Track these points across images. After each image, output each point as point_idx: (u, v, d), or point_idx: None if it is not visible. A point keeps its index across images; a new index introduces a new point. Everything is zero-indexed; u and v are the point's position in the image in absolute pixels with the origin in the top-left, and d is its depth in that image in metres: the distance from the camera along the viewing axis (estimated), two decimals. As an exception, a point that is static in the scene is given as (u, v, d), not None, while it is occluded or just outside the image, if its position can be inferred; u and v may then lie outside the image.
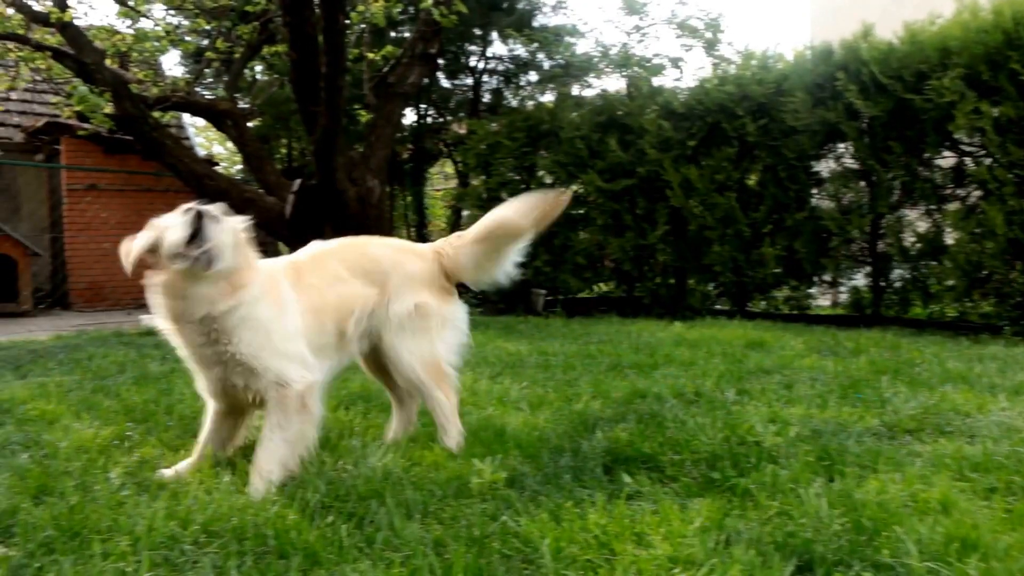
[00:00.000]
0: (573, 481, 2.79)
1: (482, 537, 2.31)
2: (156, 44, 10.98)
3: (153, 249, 2.95)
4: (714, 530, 2.31)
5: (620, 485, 2.75)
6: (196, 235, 2.80)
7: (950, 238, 8.20)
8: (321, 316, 3.22)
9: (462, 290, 3.75)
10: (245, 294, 2.95)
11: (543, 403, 4.13)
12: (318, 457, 3.05)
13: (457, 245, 3.62)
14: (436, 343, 3.45)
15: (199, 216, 2.83)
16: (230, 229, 2.96)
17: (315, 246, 3.60)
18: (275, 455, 2.88)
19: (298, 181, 10.39)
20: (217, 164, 16.95)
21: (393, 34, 13.80)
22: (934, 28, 8.19)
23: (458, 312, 3.65)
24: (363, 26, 11.11)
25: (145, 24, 11.12)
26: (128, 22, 10.97)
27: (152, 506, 2.51)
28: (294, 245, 10.81)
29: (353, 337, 3.34)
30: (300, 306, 3.17)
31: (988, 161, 7.79)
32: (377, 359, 3.50)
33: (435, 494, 2.64)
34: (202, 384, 3.16)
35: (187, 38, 12.28)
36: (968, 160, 8.14)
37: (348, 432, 3.48)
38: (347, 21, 10.01)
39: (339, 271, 3.40)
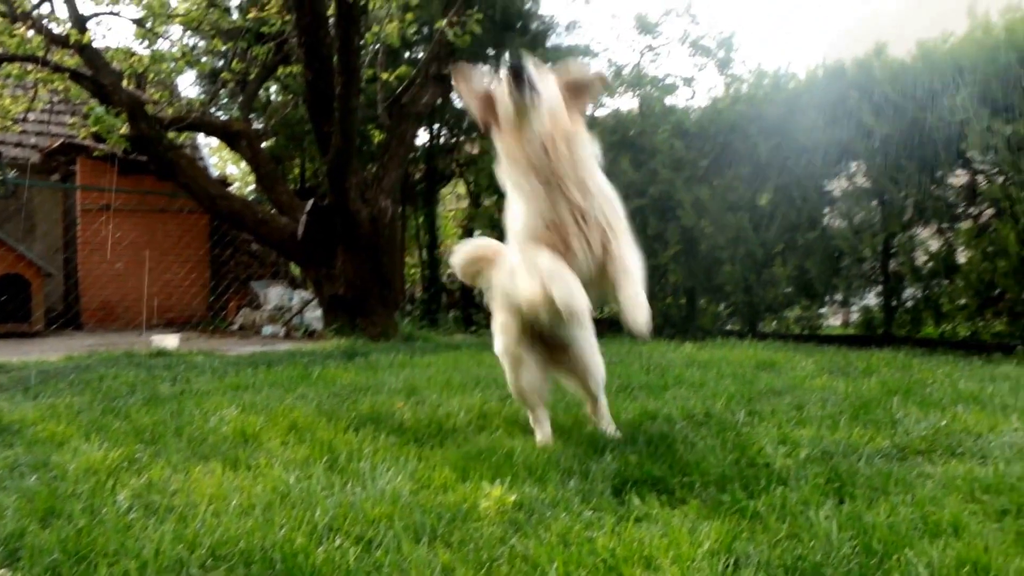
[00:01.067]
0: (582, 504, 2.78)
1: (490, 561, 2.30)
2: (172, 65, 11.13)
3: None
4: (723, 553, 2.29)
5: (629, 508, 2.73)
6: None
7: (962, 257, 8.17)
8: None
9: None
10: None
11: (553, 425, 4.11)
12: (327, 479, 3.06)
13: None
14: None
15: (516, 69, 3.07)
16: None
17: None
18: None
19: (311, 201, 10.45)
20: (230, 184, 17.09)
21: (407, 54, 13.89)
22: (947, 46, 8.18)
23: None
24: (377, 46, 11.20)
25: (162, 45, 11.26)
26: (145, 43, 11.10)
27: (160, 529, 2.51)
28: (306, 266, 10.95)
29: None
30: None
31: (1001, 179, 7.76)
32: None
33: (443, 517, 2.63)
34: None
35: (203, 59, 12.42)
36: (981, 178, 8.12)
37: (357, 455, 3.47)
38: (361, 42, 10.10)
39: None
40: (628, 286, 3.10)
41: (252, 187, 18.09)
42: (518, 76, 3.09)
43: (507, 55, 15.04)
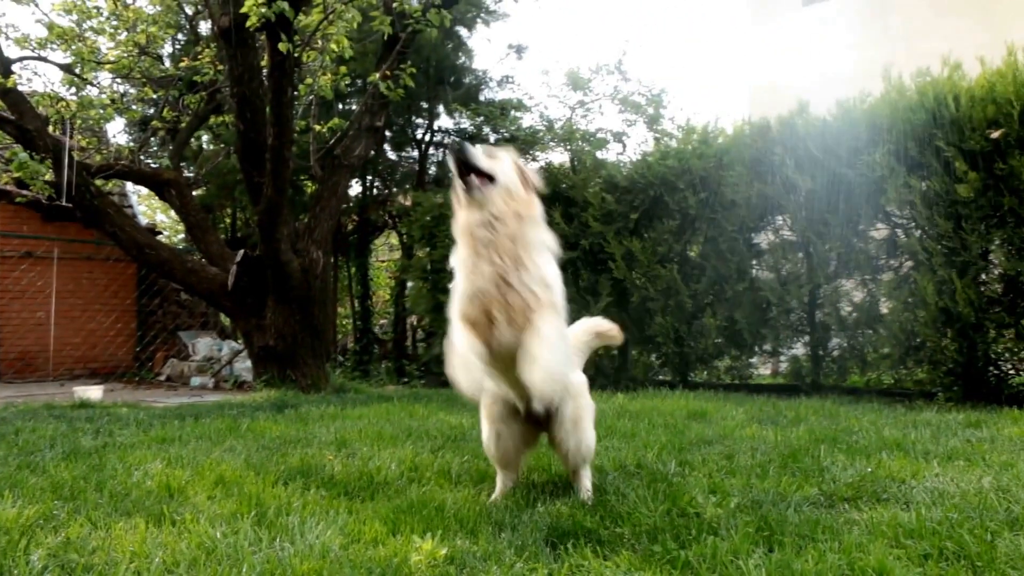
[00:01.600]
0: (514, 556, 2.76)
1: (420, 615, 2.27)
2: (101, 112, 10.97)
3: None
4: (654, 604, 2.29)
5: (562, 561, 2.72)
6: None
7: (885, 307, 8.40)
8: None
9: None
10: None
11: (484, 477, 4.09)
12: (255, 534, 2.98)
13: None
14: None
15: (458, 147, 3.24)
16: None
17: None
18: None
19: (241, 252, 10.33)
20: (159, 233, 16.82)
21: (341, 106, 13.94)
22: (865, 106, 8.50)
23: None
24: (311, 98, 11.20)
25: (91, 92, 11.10)
26: (73, 89, 10.94)
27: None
28: (236, 316, 10.78)
29: None
30: None
31: (918, 233, 8.04)
32: None
33: (374, 572, 2.59)
34: None
35: (133, 106, 12.26)
36: (900, 232, 8.40)
37: (286, 509, 3.40)
38: (295, 93, 10.10)
39: None
40: (533, 346, 3.09)
41: (182, 236, 17.85)
42: (462, 161, 3.22)
43: (441, 106, 15.20)
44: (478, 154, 3.28)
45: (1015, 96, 7.27)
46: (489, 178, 3.24)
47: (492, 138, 15.40)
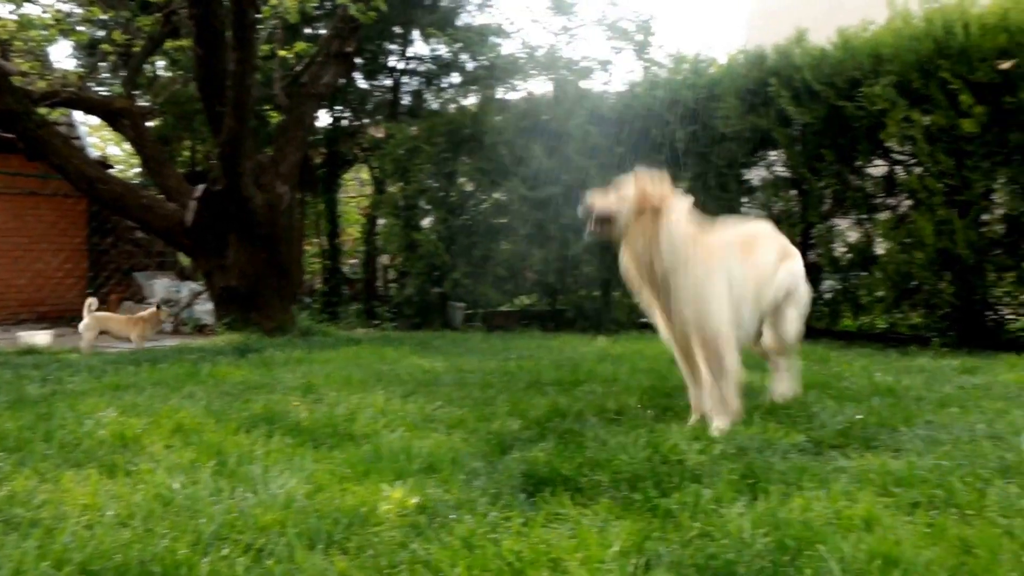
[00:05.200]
0: (489, 505, 2.79)
1: (389, 567, 2.30)
2: (43, 33, 10.72)
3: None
4: (634, 554, 2.33)
5: (538, 508, 2.76)
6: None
7: (880, 248, 8.45)
8: None
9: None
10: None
11: (458, 423, 4.12)
12: (215, 484, 3.00)
13: None
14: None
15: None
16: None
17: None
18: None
19: (201, 186, 10.22)
20: (112, 167, 16.58)
21: (308, 31, 13.70)
22: (867, 35, 8.44)
23: None
24: (275, 21, 11.00)
25: (31, 10, 10.83)
26: (11, 8, 10.67)
27: (22, 546, 2.41)
28: (196, 256, 10.70)
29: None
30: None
31: (918, 170, 8.06)
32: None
33: (340, 522, 2.61)
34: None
35: (80, 28, 11.98)
36: (899, 169, 8.41)
37: (249, 457, 3.42)
38: (258, 15, 9.91)
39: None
40: None
41: (137, 170, 17.63)
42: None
43: (416, 31, 14.99)
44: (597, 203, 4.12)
45: (1029, 24, 7.24)
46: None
47: (470, 66, 15.23)
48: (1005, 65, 7.26)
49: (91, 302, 8.99)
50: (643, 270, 4.06)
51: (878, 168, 8.59)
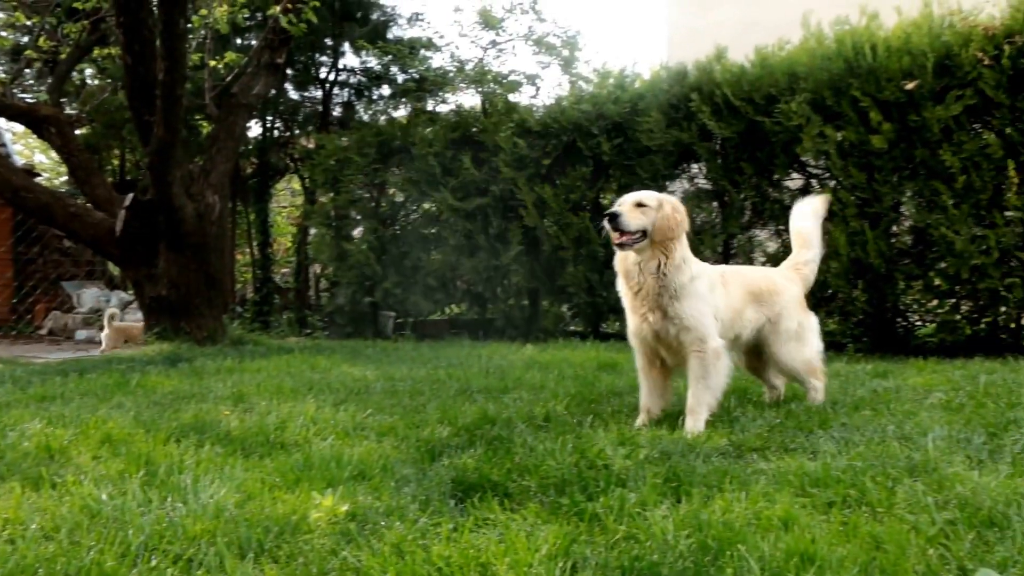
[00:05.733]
0: (418, 511, 2.77)
1: (320, 574, 2.27)
2: (-35, 39, 10.41)
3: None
4: (561, 557, 2.34)
5: (467, 514, 2.75)
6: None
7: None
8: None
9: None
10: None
11: (389, 431, 4.10)
12: (144, 495, 2.93)
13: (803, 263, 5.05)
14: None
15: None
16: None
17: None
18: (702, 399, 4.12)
19: (130, 196, 10.04)
20: (39, 175, 16.16)
21: (239, 41, 13.54)
22: (783, 53, 8.64)
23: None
24: (205, 31, 10.83)
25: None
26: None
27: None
28: (126, 265, 10.47)
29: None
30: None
31: (832, 183, 8.26)
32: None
33: (271, 530, 2.57)
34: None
35: (3, 33, 11.65)
36: (815, 182, 8.61)
37: (179, 467, 3.35)
38: (188, 25, 9.75)
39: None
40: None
41: (65, 179, 17.21)
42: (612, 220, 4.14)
43: (347, 43, 14.91)
44: (626, 216, 4.11)
45: (929, 47, 7.49)
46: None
47: (400, 78, 15.20)
48: (910, 85, 7.51)
49: (113, 313, 8.95)
50: (642, 282, 4.25)
51: (795, 181, 8.78)
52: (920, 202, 7.75)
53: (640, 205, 4.17)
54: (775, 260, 8.74)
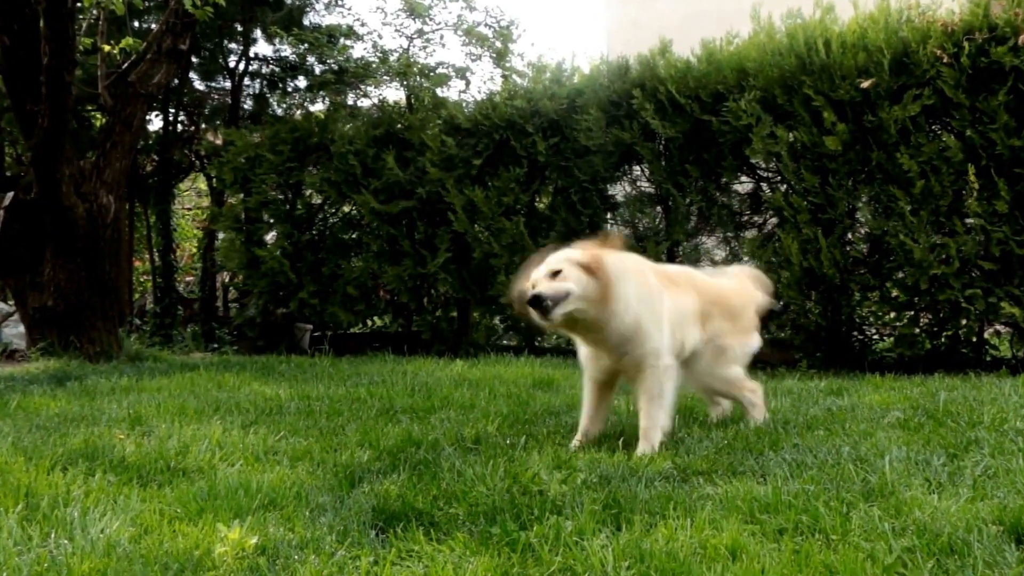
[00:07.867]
0: (336, 543, 2.75)
1: (223, 615, 2.23)
2: None
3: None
4: (491, 591, 2.33)
5: (389, 546, 2.73)
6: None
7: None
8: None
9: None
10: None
11: (304, 455, 4.05)
12: (23, 531, 2.85)
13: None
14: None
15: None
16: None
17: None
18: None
19: (10, 194, 9.81)
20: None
21: (137, 24, 13.31)
22: (731, 48, 8.77)
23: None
24: (98, 12, 10.63)
25: None
26: None
27: None
28: (5, 272, 10.21)
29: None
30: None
31: (784, 188, 8.41)
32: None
33: (170, 568, 2.53)
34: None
35: None
36: (765, 186, 8.75)
37: (65, 499, 3.26)
38: (78, 4, 9.56)
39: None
40: None
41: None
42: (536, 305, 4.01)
43: (258, 30, 14.76)
44: (544, 290, 4.00)
45: (886, 44, 7.66)
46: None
47: (318, 69, 15.09)
48: (865, 84, 7.67)
49: None
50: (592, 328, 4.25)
51: (744, 185, 8.92)
52: (876, 208, 7.92)
53: (556, 273, 4.10)
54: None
